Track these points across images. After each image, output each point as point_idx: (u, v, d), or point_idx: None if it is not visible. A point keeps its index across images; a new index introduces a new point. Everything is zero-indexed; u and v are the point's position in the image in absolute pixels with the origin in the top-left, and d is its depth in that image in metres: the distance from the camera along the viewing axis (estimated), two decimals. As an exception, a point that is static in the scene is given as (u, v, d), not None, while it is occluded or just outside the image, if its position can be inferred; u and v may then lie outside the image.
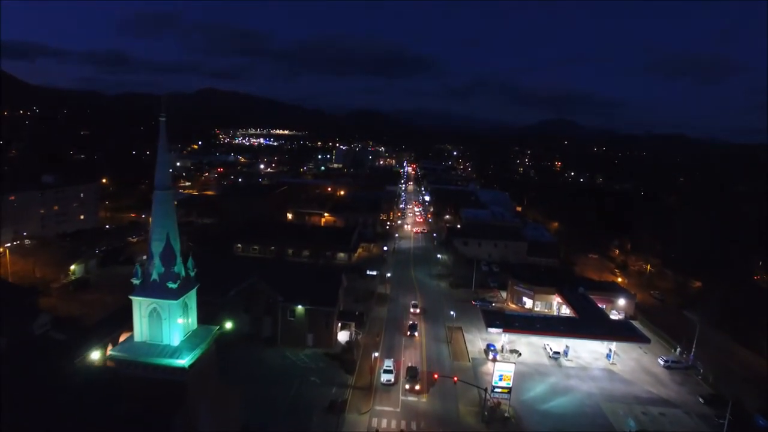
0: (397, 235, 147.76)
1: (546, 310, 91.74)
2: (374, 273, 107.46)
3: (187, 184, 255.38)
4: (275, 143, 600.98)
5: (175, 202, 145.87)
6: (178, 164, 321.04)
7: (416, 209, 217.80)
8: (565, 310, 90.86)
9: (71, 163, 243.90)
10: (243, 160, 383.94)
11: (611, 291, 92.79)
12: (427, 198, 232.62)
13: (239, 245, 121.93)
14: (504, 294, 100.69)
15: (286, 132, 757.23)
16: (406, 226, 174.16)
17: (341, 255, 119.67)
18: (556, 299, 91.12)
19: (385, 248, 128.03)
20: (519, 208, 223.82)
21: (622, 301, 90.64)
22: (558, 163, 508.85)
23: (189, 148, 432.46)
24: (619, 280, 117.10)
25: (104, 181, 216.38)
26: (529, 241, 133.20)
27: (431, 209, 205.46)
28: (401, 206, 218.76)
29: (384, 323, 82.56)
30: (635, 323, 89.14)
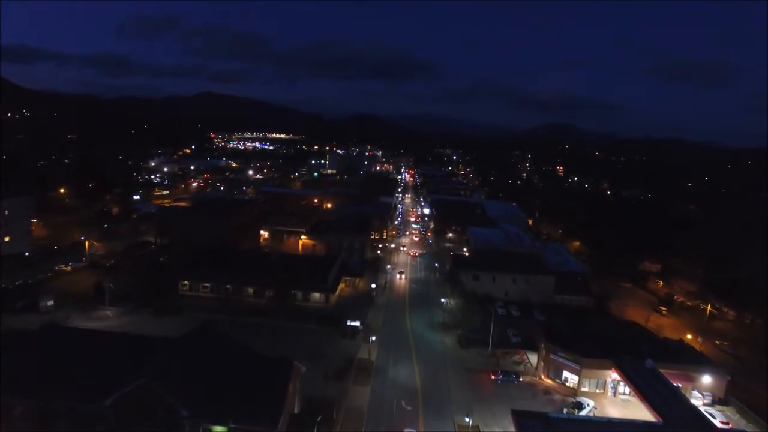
0: (389, 266, 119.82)
1: (598, 391, 64.54)
2: (357, 324, 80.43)
3: (164, 193, 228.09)
4: (271, 147, 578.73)
5: (135, 215, 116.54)
6: (165, 169, 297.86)
7: (414, 225, 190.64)
8: (624, 389, 64.12)
9: (34, 170, 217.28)
10: (234, 165, 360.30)
11: (689, 363, 65.34)
12: (426, 210, 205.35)
13: (186, 282, 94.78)
14: (533, 359, 73.58)
15: (283, 136, 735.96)
16: (401, 249, 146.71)
17: (316, 296, 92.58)
18: (611, 375, 64.01)
19: (374, 285, 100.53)
20: (530, 222, 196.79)
21: (707, 379, 63.44)
22: (560, 168, 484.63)
23: (180, 153, 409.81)
24: (691, 339, 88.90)
25: (61, 191, 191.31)
26: (555, 273, 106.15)
27: (431, 225, 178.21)
28: (397, 220, 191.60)
29: (364, 422, 55.31)
30: (728, 412, 62.21)
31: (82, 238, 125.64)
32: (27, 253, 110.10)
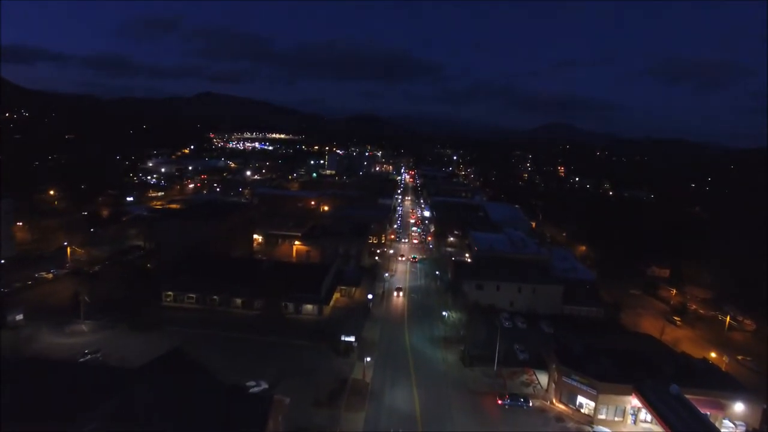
0: (387, 274, 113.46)
1: (617, 419, 58.43)
2: (351, 339, 74.35)
3: (159, 194, 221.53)
4: (270, 147, 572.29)
5: (125, 218, 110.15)
6: (162, 170, 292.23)
7: (414, 228, 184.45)
8: (645, 417, 58.03)
9: (25, 171, 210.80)
10: (233, 165, 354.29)
11: (718, 387, 59.11)
12: (427, 213, 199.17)
13: (170, 293, 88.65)
14: (543, 379, 67.44)
15: (283, 136, 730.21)
16: (400, 255, 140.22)
17: (308, 307, 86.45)
18: (632, 401, 57.90)
19: (370, 296, 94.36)
20: (533, 224, 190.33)
21: (739, 406, 57.26)
22: (561, 168, 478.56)
23: (179, 153, 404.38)
24: (716, 357, 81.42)
25: (51, 192, 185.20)
26: (563, 281, 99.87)
27: (432, 228, 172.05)
28: (397, 223, 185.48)
29: (356, 459, 49.32)
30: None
31: (65, 243, 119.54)
32: (2, 261, 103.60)
